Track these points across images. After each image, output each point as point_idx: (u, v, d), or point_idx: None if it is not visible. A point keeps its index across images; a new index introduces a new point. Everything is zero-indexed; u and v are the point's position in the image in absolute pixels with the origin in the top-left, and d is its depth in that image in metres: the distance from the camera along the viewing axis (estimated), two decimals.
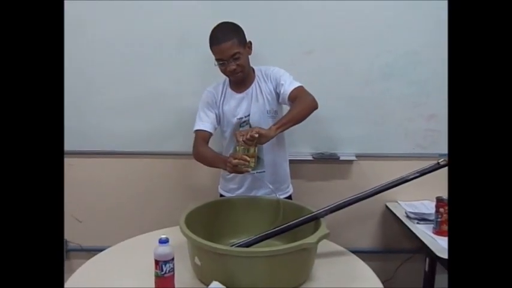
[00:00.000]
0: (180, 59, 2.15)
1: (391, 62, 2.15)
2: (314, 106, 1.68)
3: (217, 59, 1.70)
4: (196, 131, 1.79)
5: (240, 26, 1.73)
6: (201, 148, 1.75)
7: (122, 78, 2.18)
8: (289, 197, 1.93)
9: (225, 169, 1.62)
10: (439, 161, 1.50)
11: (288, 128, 1.64)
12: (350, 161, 2.27)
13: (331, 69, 2.16)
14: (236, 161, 1.53)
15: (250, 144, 1.52)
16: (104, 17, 2.12)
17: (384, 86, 2.18)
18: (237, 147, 1.55)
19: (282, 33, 2.13)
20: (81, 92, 2.17)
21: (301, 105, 1.66)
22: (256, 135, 1.50)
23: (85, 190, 2.30)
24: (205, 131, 1.78)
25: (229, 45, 1.65)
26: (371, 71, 2.17)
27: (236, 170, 1.56)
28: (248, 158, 1.52)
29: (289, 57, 2.12)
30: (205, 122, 1.79)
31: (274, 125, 1.60)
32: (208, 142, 1.78)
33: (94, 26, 2.13)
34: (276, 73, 1.79)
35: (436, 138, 2.22)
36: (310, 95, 1.70)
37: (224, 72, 1.73)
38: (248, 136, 1.50)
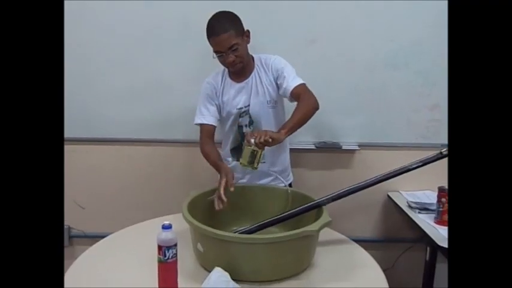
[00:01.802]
0: (182, 46, 2.14)
1: (395, 52, 2.15)
2: (316, 108, 1.66)
3: (215, 51, 1.68)
4: (201, 125, 1.79)
5: (240, 14, 1.70)
6: (206, 147, 1.77)
7: (125, 65, 2.18)
8: (290, 185, 1.93)
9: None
10: (442, 150, 1.50)
11: (295, 131, 1.63)
12: (352, 151, 2.27)
13: (334, 58, 2.15)
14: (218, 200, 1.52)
15: (261, 147, 1.51)
16: (106, 4, 2.10)
17: (387, 75, 2.17)
18: (244, 147, 1.53)
19: (285, 22, 2.12)
20: (83, 79, 2.17)
21: (305, 107, 1.63)
22: (270, 140, 1.48)
23: (88, 177, 2.31)
24: (209, 125, 1.78)
25: (226, 36, 1.62)
26: (375, 61, 2.16)
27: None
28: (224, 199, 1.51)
29: (292, 46, 2.11)
30: (207, 116, 1.79)
31: (283, 129, 1.57)
32: (213, 135, 1.80)
33: (96, 13, 2.12)
34: (277, 64, 1.76)
35: (439, 129, 2.22)
36: (312, 95, 1.68)
37: (223, 63, 1.72)
38: (262, 140, 1.48)
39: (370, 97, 2.20)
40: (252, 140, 1.49)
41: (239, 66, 1.72)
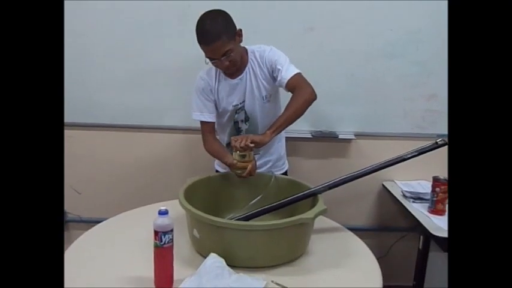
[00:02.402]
0: (181, 33, 2.11)
1: (393, 41, 2.15)
2: (312, 99, 1.62)
3: (207, 57, 1.62)
4: (201, 122, 1.78)
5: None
6: (207, 145, 1.78)
7: (123, 51, 2.17)
8: (285, 173, 1.95)
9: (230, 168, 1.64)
10: (437, 140, 1.51)
11: (284, 129, 1.63)
12: (349, 140, 2.28)
13: (332, 47, 2.15)
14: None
15: (247, 150, 1.53)
16: None
17: (384, 65, 2.17)
18: (233, 153, 1.56)
19: (283, 9, 2.10)
20: (81, 64, 2.16)
21: (297, 102, 1.60)
22: (252, 145, 1.51)
23: (84, 162, 2.31)
24: (209, 122, 1.78)
25: (219, 45, 1.54)
26: (372, 50, 2.16)
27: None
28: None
29: (290, 34, 2.11)
30: (206, 113, 1.77)
31: (269, 129, 1.57)
32: (214, 128, 1.81)
33: (96, 2, 2.10)
34: (271, 56, 1.70)
35: (435, 119, 2.23)
36: (307, 86, 1.63)
37: (217, 67, 1.69)
38: (243, 145, 1.50)
39: (367, 86, 2.20)
40: (237, 144, 1.52)
41: (233, 69, 1.68)
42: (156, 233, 1.18)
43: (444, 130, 2.16)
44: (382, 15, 2.12)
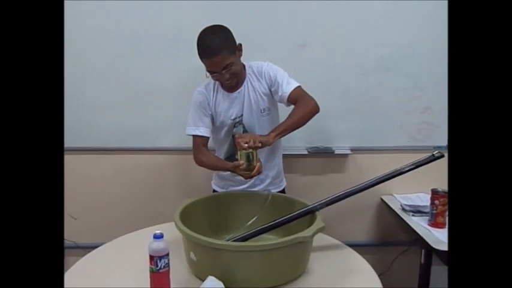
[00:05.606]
0: (175, 54, 2.13)
1: (386, 56, 2.15)
2: (315, 111, 1.65)
3: (208, 71, 1.63)
4: (194, 136, 1.76)
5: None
6: (202, 157, 1.75)
7: (116, 73, 2.17)
8: (283, 191, 1.94)
9: (234, 172, 1.62)
10: (434, 153, 1.51)
11: (286, 134, 1.63)
12: (345, 155, 2.27)
13: (325, 62, 2.16)
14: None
15: (254, 149, 1.53)
16: (98, 12, 2.10)
17: (378, 79, 2.18)
18: (239, 153, 1.56)
19: (276, 26, 2.12)
20: (75, 88, 2.14)
21: (302, 111, 1.63)
22: (260, 145, 1.51)
23: (79, 187, 2.29)
24: (203, 136, 1.76)
25: (220, 58, 1.56)
26: (366, 65, 2.17)
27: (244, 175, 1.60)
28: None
29: (283, 51, 2.11)
30: (201, 127, 1.75)
31: (273, 131, 1.59)
32: (207, 143, 1.78)
33: (88, 21, 2.11)
34: (270, 71, 1.73)
35: (430, 131, 2.23)
36: (311, 98, 1.66)
37: (217, 80, 1.69)
38: (252, 145, 1.50)
39: (361, 101, 2.21)
40: (245, 145, 1.51)
41: (233, 82, 1.69)
42: (151, 257, 1.16)
43: (440, 142, 2.17)
44: (373, 30, 2.13)
